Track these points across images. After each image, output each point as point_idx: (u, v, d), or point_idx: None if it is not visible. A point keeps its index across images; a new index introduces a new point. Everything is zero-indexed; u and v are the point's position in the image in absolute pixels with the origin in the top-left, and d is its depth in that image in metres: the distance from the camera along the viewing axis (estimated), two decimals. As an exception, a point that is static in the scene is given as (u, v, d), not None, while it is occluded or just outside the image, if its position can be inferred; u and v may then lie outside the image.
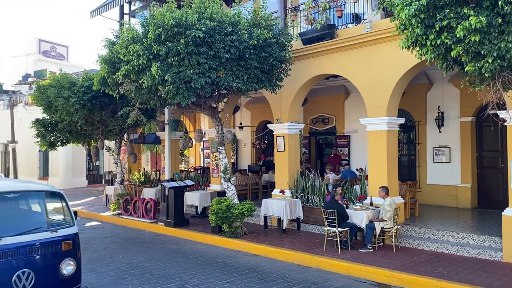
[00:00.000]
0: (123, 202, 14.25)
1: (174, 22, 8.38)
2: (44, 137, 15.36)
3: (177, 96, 9.02)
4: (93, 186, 25.28)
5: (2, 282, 4.89)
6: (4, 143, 27.49)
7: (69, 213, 5.85)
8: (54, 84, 13.34)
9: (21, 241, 5.15)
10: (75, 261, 5.58)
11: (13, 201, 5.80)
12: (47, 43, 40.85)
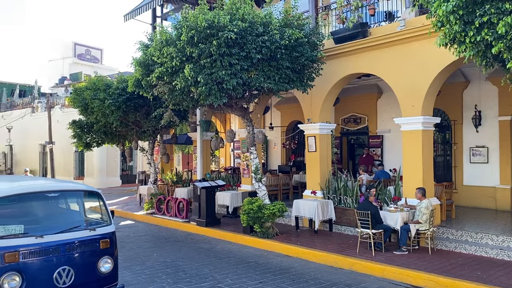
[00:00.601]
0: (156, 201, 14.51)
1: (206, 24, 8.48)
2: (81, 138, 15.81)
3: (209, 97, 9.12)
4: (127, 186, 25.86)
5: (44, 278, 5.05)
6: (42, 144, 28.48)
7: (107, 212, 5.99)
8: (90, 86, 13.74)
9: (62, 239, 5.29)
10: (112, 259, 5.70)
11: (54, 200, 6.00)
12: (82, 47, 42.09)
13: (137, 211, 15.63)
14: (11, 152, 31.93)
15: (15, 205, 5.60)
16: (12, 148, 31.57)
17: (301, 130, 12.23)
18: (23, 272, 4.93)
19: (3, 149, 32.46)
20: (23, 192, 5.68)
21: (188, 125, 15.84)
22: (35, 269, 5.04)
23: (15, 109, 33.44)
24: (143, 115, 14.16)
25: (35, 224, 5.53)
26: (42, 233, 5.20)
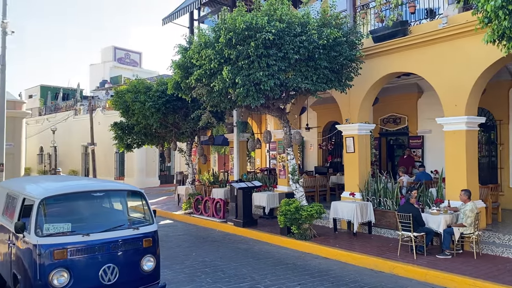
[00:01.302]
0: (194, 201, 14.72)
1: (244, 26, 8.53)
2: (122, 139, 16.26)
3: (247, 98, 9.16)
4: (165, 186, 26.38)
5: (90, 275, 5.22)
6: (84, 145, 29.52)
7: (149, 212, 6.13)
8: (131, 89, 14.12)
9: (107, 237, 5.46)
10: (155, 257, 5.83)
11: (99, 200, 6.21)
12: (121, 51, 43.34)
13: (175, 210, 15.92)
14: (55, 153, 33.27)
15: (63, 204, 5.83)
16: (56, 149, 32.89)
17: (339, 131, 12.08)
18: (70, 269, 5.12)
19: (48, 150, 33.88)
20: (70, 192, 5.91)
21: (225, 127, 15.98)
22: (82, 266, 5.22)
23: (59, 111, 34.84)
24: (181, 116, 14.42)
25: (81, 222, 5.72)
26: (88, 231, 5.37)
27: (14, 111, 22.63)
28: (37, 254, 5.00)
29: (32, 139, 33.61)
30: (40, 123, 35.01)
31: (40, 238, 5.07)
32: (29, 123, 32.25)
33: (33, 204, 5.37)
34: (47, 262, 5.00)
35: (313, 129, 17.24)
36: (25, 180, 9.07)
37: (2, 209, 6.64)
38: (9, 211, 6.26)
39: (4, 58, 16.52)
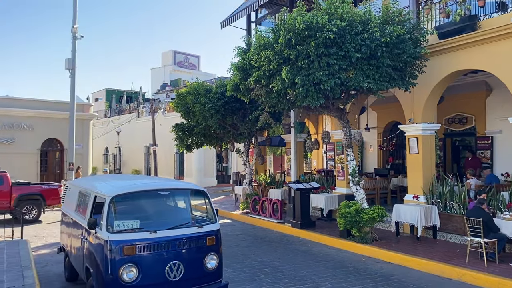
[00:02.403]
0: (252, 201, 14.84)
1: (304, 26, 8.48)
2: (182, 140, 16.73)
3: (306, 98, 9.09)
4: (222, 186, 26.84)
5: (157, 271, 5.39)
6: (147, 146, 30.72)
7: (212, 211, 6.24)
8: (191, 91, 14.52)
9: (172, 234, 5.60)
10: (218, 256, 5.91)
11: (165, 198, 6.41)
12: (181, 54, 44.66)
13: (233, 210, 16.13)
14: (120, 153, 34.92)
15: (131, 202, 6.07)
16: (121, 149, 34.51)
17: (401, 132, 11.67)
18: (139, 265, 5.30)
19: (113, 150, 35.62)
20: (139, 190, 6.14)
21: (282, 127, 15.98)
22: (149, 262, 5.40)
23: (123, 114, 36.51)
24: (239, 118, 14.60)
25: (148, 220, 5.93)
26: (155, 228, 5.54)
27: (82, 113, 23.97)
28: (108, 249, 5.24)
29: (98, 140, 35.48)
30: (106, 125, 36.89)
31: (111, 234, 5.31)
32: (95, 125, 34.06)
33: (104, 201, 5.63)
34: (117, 257, 5.22)
35: (373, 129, 16.80)
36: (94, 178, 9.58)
37: (75, 206, 7.04)
38: (82, 208, 6.62)
39: (74, 62, 17.57)
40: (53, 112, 22.90)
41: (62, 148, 23.22)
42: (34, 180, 20.41)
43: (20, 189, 14.75)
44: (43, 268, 8.39)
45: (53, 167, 23.39)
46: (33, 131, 22.44)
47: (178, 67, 43.56)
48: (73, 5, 17.61)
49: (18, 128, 22.01)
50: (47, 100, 24.22)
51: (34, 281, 6.64)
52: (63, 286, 7.33)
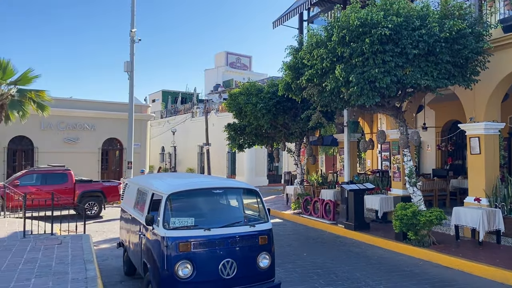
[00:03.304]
0: (303, 202, 14.74)
1: (359, 22, 8.29)
2: (234, 139, 16.94)
3: (360, 97, 8.89)
4: (273, 185, 26.90)
5: (211, 268, 5.47)
6: (200, 145, 31.42)
7: (264, 210, 6.24)
8: (243, 92, 14.66)
9: (226, 232, 5.65)
10: (270, 255, 5.90)
11: (218, 196, 6.50)
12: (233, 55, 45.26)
13: (284, 210, 16.10)
14: (175, 152, 35.96)
15: (186, 200, 6.20)
16: (176, 149, 35.53)
17: (461, 131, 11.12)
18: (193, 261, 5.39)
19: (168, 149, 36.76)
20: (194, 188, 6.27)
21: (335, 127, 15.73)
22: (203, 259, 5.48)
23: (178, 114, 37.59)
24: (291, 117, 14.55)
25: (202, 217, 6.02)
26: (209, 226, 5.62)
27: (140, 114, 24.91)
28: (165, 245, 5.38)
29: (155, 140, 36.75)
30: (162, 125, 38.14)
31: (167, 231, 5.45)
32: (152, 125, 35.29)
33: (161, 199, 5.80)
34: (173, 253, 5.35)
35: (431, 128, 16.14)
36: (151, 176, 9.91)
37: (133, 203, 7.31)
38: (140, 205, 6.87)
39: (132, 64, 18.29)
40: (113, 113, 24.00)
41: (122, 147, 24.28)
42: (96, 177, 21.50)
43: (83, 186, 15.59)
44: (104, 262, 8.80)
45: (113, 165, 24.51)
46: (95, 131, 23.62)
47: (230, 68, 44.19)
48: (131, 10, 18.35)
49: (81, 128, 23.26)
50: (108, 101, 25.42)
51: (95, 274, 6.98)
52: (122, 280, 7.64)
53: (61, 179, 15.14)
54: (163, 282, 5.38)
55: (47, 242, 9.37)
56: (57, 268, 7.31)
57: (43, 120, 20.86)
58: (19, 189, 13.68)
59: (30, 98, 17.89)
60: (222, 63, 44.73)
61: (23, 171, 15.75)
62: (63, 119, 22.49)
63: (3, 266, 7.38)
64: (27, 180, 14.79)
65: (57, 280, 6.57)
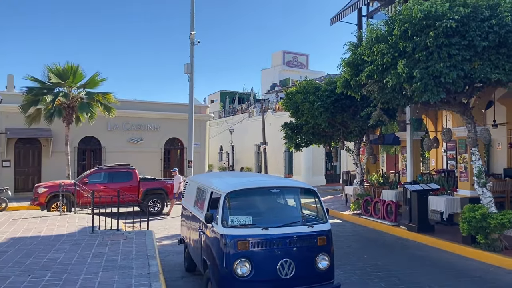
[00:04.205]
0: (363, 202, 14.36)
1: (422, 15, 7.92)
2: (291, 139, 16.83)
3: (424, 93, 8.47)
4: (331, 185, 26.46)
5: (269, 267, 5.45)
6: (257, 144, 31.62)
7: (322, 210, 6.13)
8: (300, 90, 14.53)
9: (283, 232, 5.62)
10: (329, 256, 5.78)
11: (275, 196, 6.47)
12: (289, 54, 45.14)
13: (343, 210, 15.78)
14: (233, 151, 36.48)
15: (244, 198, 6.23)
16: (233, 148, 36.04)
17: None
18: (251, 260, 5.40)
19: (227, 149, 37.37)
20: (251, 187, 6.29)
21: (397, 124, 15.17)
22: (261, 258, 5.47)
23: (236, 114, 38.11)
24: (350, 115, 14.22)
25: (260, 216, 6.01)
26: (267, 225, 5.61)
27: (200, 114, 25.50)
28: (223, 243, 5.44)
29: (213, 139, 37.49)
30: (220, 125, 38.85)
31: (226, 229, 5.50)
32: (211, 125, 36.01)
33: (219, 197, 5.88)
34: (232, 251, 5.39)
35: (501, 125, 15.09)
36: (210, 175, 10.10)
37: (193, 200, 7.47)
38: (199, 203, 7.00)
39: (192, 66, 18.75)
40: (174, 113, 24.75)
41: (182, 146, 25.00)
42: (158, 176, 22.29)
43: (147, 184, 16.22)
44: (166, 258, 9.08)
45: (175, 164, 25.28)
46: (157, 131, 24.50)
47: (287, 67, 44.10)
48: (190, 14, 18.82)
49: (145, 128, 24.21)
50: (169, 102, 26.26)
51: (158, 270, 7.21)
52: (183, 276, 7.84)
53: (126, 177, 15.85)
54: (222, 279, 5.44)
55: (113, 238, 9.84)
56: (122, 262, 7.65)
57: (109, 121, 21.96)
58: (88, 186, 14.49)
59: (97, 100, 18.99)
60: (279, 62, 44.72)
61: (92, 170, 16.65)
62: (128, 120, 23.54)
63: (73, 259, 7.84)
64: (95, 178, 15.63)
65: (122, 274, 6.87)
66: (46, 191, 14.77)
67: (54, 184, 14.94)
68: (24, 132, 20.15)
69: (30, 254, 8.19)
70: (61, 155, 19.55)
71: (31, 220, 12.35)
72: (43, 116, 18.19)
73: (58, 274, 6.87)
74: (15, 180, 20.90)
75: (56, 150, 21.12)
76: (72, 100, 18.40)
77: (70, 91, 18.59)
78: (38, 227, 11.15)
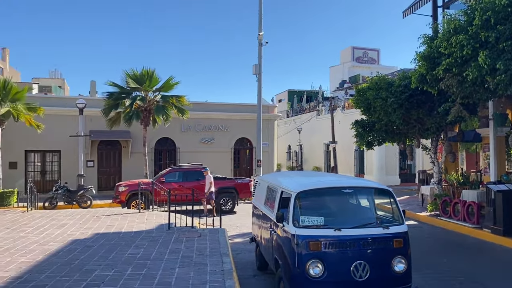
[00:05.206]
0: (441, 203, 13.62)
1: (507, 2, 7.33)
2: (363, 137, 16.38)
3: (510, 86, 7.84)
4: (406, 185, 25.39)
5: (342, 269, 5.32)
6: (326, 143, 31.19)
7: (398, 211, 5.90)
8: (372, 86, 14.10)
9: (357, 234, 5.47)
10: (406, 259, 5.54)
11: (347, 196, 6.32)
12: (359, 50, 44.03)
13: (419, 211, 15.08)
14: (301, 151, 36.32)
15: (315, 198, 6.16)
16: (302, 147, 35.87)
17: None
18: (324, 261, 5.31)
19: (295, 148, 37.29)
20: (322, 187, 6.20)
21: (478, 120, 14.19)
22: (334, 259, 5.36)
23: (304, 113, 37.91)
24: (426, 111, 13.56)
25: (331, 217, 5.90)
26: (339, 226, 5.49)
27: (268, 114, 25.68)
28: (295, 243, 5.40)
29: (281, 139, 37.59)
30: (288, 124, 38.86)
31: (297, 229, 5.46)
32: (279, 124, 36.15)
33: (290, 197, 5.86)
34: (304, 252, 5.33)
35: None
36: (280, 174, 10.12)
37: (264, 199, 7.52)
38: (270, 202, 7.03)
39: (260, 67, 18.92)
40: (243, 114, 25.16)
41: (251, 146, 25.33)
42: (228, 175, 22.79)
43: (218, 183, 16.64)
44: (238, 256, 9.24)
45: (244, 163, 25.71)
46: (227, 131, 25.06)
47: (356, 63, 43.05)
48: (258, 15, 19.00)
49: (216, 129, 24.87)
50: (238, 103, 26.74)
51: (231, 267, 7.36)
52: (255, 274, 7.92)
53: (199, 176, 16.37)
54: (294, 280, 5.41)
55: (188, 235, 10.21)
56: (197, 259, 7.90)
57: (183, 122, 22.83)
58: (164, 185, 15.18)
59: (172, 103, 19.85)
60: (348, 58, 43.78)
61: (168, 169, 17.41)
62: (199, 121, 24.31)
63: (152, 255, 8.25)
64: (171, 177, 16.33)
65: (197, 271, 7.09)
66: (126, 190, 15.68)
67: (133, 183, 15.82)
68: (106, 134, 21.57)
69: (113, 249, 8.74)
70: (139, 155, 20.69)
71: (113, 217, 13.20)
72: (122, 119, 19.36)
73: (138, 269, 7.25)
74: (98, 179, 22.47)
75: (134, 151, 22.38)
76: (148, 104, 19.40)
77: (147, 94, 19.60)
78: (119, 224, 11.88)
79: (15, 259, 7.90)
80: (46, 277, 6.73)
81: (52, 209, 15.55)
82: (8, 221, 12.44)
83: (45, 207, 15.83)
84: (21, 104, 18.15)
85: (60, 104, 22.38)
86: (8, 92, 17.69)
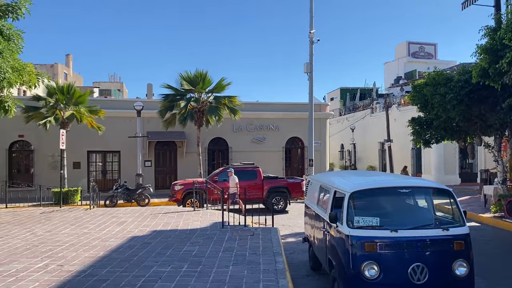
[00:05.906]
0: (506, 204, 12.84)
1: None
2: (420, 135, 15.80)
3: None
4: (467, 185, 24.18)
5: (399, 271, 5.15)
6: (381, 142, 30.32)
7: (459, 212, 5.64)
8: (429, 82, 13.57)
9: (414, 235, 5.27)
10: (468, 263, 5.27)
11: (404, 196, 6.12)
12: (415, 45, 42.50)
13: (481, 212, 14.30)
14: (354, 149, 35.60)
15: (370, 199, 5.99)
16: (355, 146, 35.14)
17: None
18: (380, 263, 5.17)
19: (348, 147, 36.61)
20: (377, 187, 6.04)
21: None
22: (390, 261, 5.21)
23: (357, 111, 37.12)
24: (488, 107, 12.83)
25: (387, 218, 5.72)
26: (395, 227, 5.32)
27: (319, 113, 25.39)
28: (349, 244, 5.29)
29: (334, 138, 37.03)
30: (341, 123, 38.21)
31: (351, 230, 5.35)
32: (331, 123, 35.64)
33: (344, 197, 5.75)
34: (359, 253, 5.22)
35: None
36: (333, 174, 9.97)
37: (316, 199, 7.44)
38: (322, 202, 6.95)
39: (311, 65, 18.74)
40: (294, 113, 25.07)
41: (303, 145, 25.16)
42: (280, 174, 22.79)
43: (270, 182, 16.69)
44: (290, 255, 9.21)
45: (295, 163, 25.58)
46: (279, 131, 25.06)
47: (412, 58, 41.54)
48: (309, 12, 18.83)
49: (267, 129, 24.95)
50: (289, 102, 26.67)
51: (284, 267, 7.35)
52: (308, 274, 7.87)
53: (251, 176, 16.49)
54: (349, 281, 5.31)
55: (241, 233, 10.33)
56: (250, 258, 7.97)
57: (235, 123, 23.11)
58: (218, 184, 15.44)
59: (224, 104, 20.19)
60: (403, 54, 42.32)
61: (221, 169, 17.70)
62: (251, 121, 24.49)
63: (207, 253, 8.42)
64: (223, 176, 16.57)
65: (250, 269, 7.16)
66: (181, 189, 16.12)
67: (188, 182, 16.24)
68: (162, 135, 22.31)
69: (169, 246, 9.02)
70: (193, 155, 21.21)
71: (169, 215, 13.63)
72: (177, 120, 19.96)
73: (193, 266, 7.44)
74: (155, 178, 23.27)
75: (189, 151, 22.97)
76: (202, 105, 19.85)
77: (200, 96, 20.07)
78: (175, 221, 12.24)
79: (79, 254, 8.38)
80: (107, 272, 7.07)
81: (113, 207, 16.34)
82: (73, 218, 13.21)
83: (106, 205, 16.64)
84: (84, 107, 19.28)
85: (119, 107, 23.41)
86: (71, 96, 18.84)
